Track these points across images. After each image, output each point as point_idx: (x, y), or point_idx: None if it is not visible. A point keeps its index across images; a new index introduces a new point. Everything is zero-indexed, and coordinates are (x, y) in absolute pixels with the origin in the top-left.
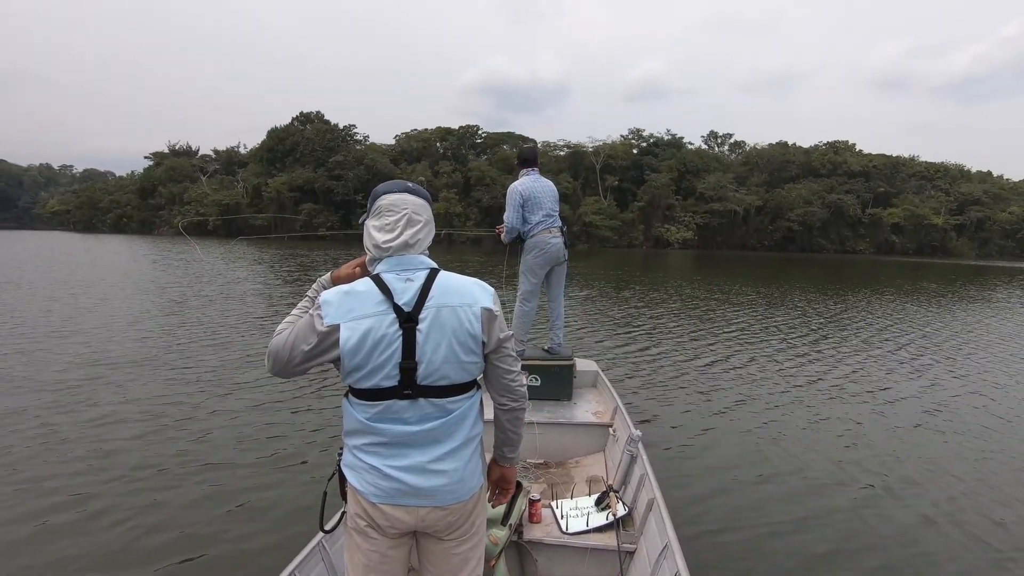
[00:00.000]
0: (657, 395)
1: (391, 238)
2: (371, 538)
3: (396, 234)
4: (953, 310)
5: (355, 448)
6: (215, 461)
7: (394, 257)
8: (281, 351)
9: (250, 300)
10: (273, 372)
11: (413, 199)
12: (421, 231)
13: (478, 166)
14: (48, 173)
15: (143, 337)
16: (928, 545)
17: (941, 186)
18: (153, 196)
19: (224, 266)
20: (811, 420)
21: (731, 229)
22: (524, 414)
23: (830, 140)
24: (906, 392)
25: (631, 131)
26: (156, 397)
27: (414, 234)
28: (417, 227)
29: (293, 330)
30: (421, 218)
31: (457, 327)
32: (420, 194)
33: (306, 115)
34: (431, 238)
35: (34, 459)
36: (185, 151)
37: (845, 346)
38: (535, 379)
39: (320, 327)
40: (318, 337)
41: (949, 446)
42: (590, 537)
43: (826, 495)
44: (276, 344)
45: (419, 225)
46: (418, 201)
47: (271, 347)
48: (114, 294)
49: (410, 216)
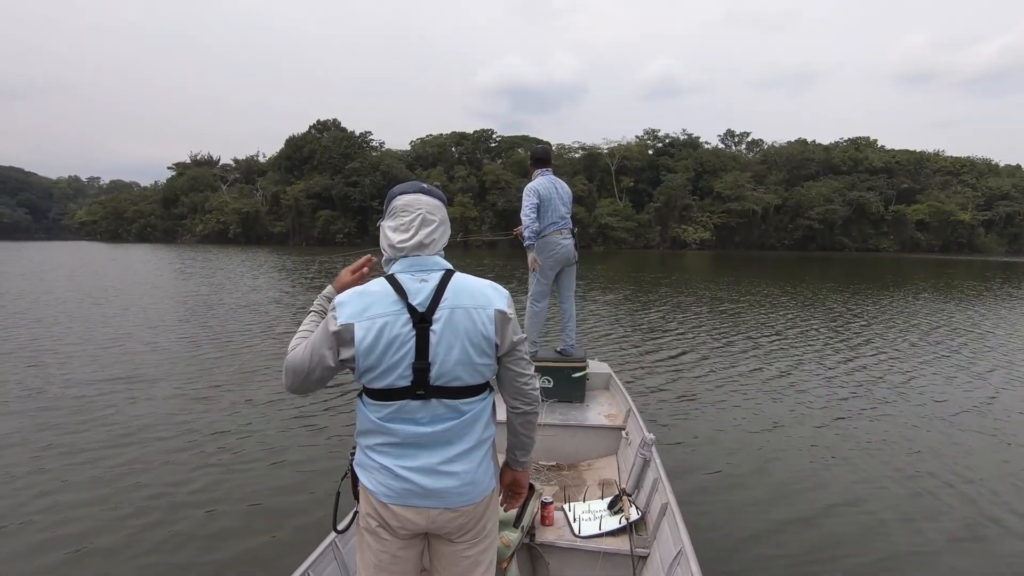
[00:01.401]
0: (670, 398)
1: (406, 238)
2: (382, 538)
3: (411, 234)
4: (998, 310)
5: (367, 448)
6: (229, 463)
7: (409, 258)
8: (299, 363)
9: (270, 308)
10: (291, 388)
11: (427, 199)
12: (435, 231)
13: (493, 170)
14: (76, 185)
15: (157, 340)
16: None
17: (968, 181)
18: (176, 205)
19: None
20: (832, 426)
21: (749, 228)
22: (537, 418)
23: (851, 136)
24: (962, 400)
25: (646, 131)
26: (169, 399)
27: (428, 234)
28: (431, 227)
29: (309, 340)
30: (435, 218)
31: (470, 329)
32: (435, 195)
33: (323, 123)
34: (446, 239)
35: (52, 464)
36: (206, 161)
37: (874, 348)
38: (547, 380)
39: (334, 326)
40: (334, 337)
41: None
42: (603, 541)
43: (842, 505)
44: (292, 358)
45: (433, 225)
46: (432, 201)
47: (287, 362)
48: (138, 302)
49: (424, 216)
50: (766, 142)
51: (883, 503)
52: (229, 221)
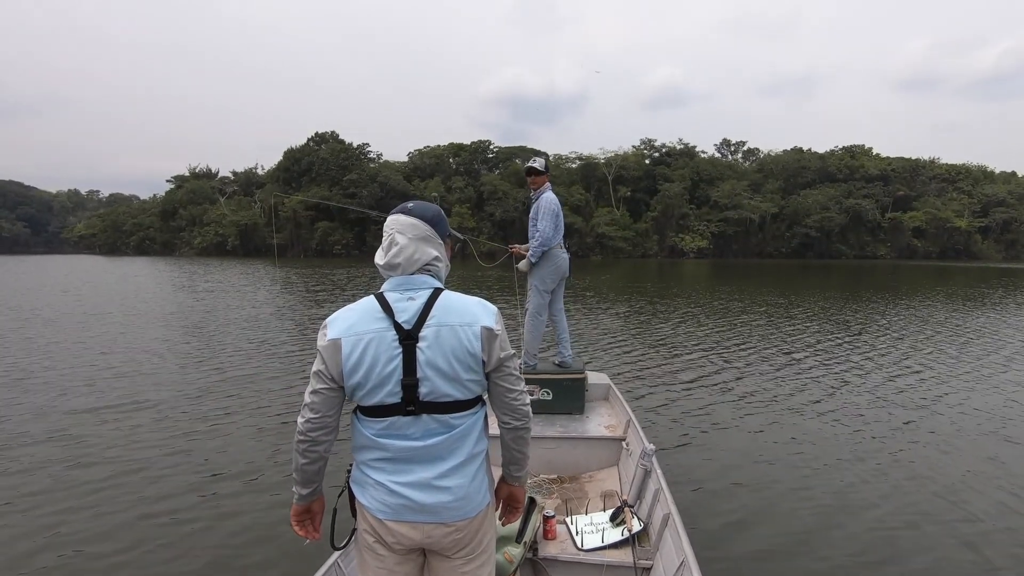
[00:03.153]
0: (669, 408)
1: (380, 257)
2: (378, 554)
3: (382, 254)
4: (1006, 317)
5: (362, 464)
6: (229, 482)
7: (398, 277)
8: (308, 402)
9: (273, 323)
10: (307, 431)
11: (404, 219)
12: (403, 251)
13: (490, 180)
14: (76, 198)
15: (162, 357)
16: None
17: (964, 188)
18: (174, 218)
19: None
20: (837, 436)
21: (747, 237)
22: (528, 433)
23: (846, 144)
24: (977, 403)
25: (643, 141)
26: (166, 418)
27: (395, 254)
28: (398, 247)
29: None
30: (404, 238)
31: (456, 346)
32: (414, 213)
33: (321, 135)
34: (428, 256)
35: (57, 480)
36: (205, 173)
37: (878, 353)
38: (547, 392)
39: (323, 342)
40: (324, 352)
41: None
42: (606, 553)
43: (847, 515)
44: (304, 404)
45: (399, 246)
46: (407, 221)
47: (300, 417)
48: (140, 316)
49: (393, 236)
50: (762, 151)
51: (890, 514)
52: (227, 233)
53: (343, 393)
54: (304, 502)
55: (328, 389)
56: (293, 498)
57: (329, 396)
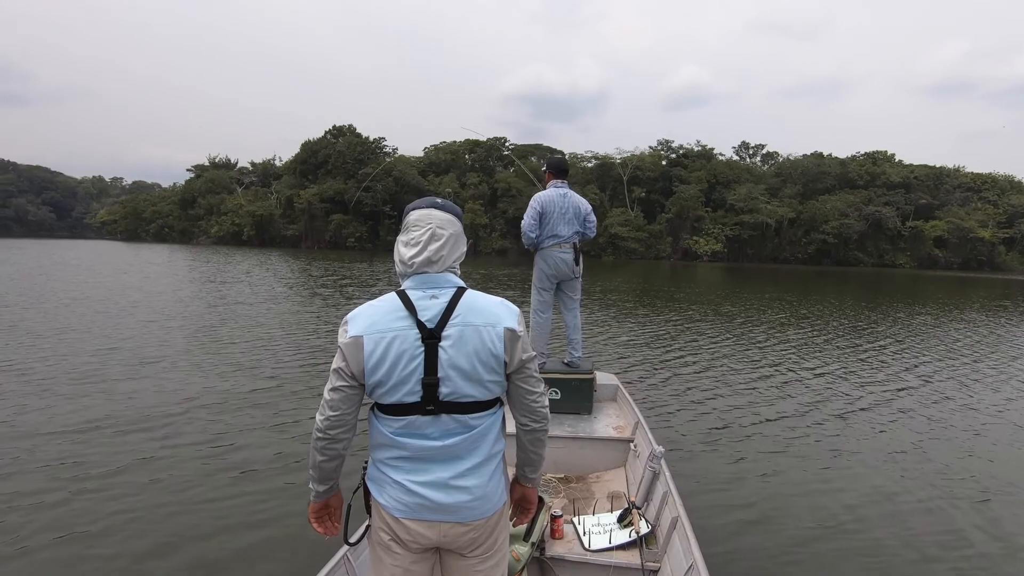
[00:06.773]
0: (678, 410)
1: (415, 253)
2: (394, 552)
3: (419, 249)
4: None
5: (379, 462)
6: (240, 478)
7: (421, 274)
8: (327, 399)
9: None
10: (326, 428)
11: (439, 214)
12: (444, 247)
13: (504, 177)
14: (100, 185)
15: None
16: None
17: (989, 198)
18: (193, 207)
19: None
20: (848, 439)
21: (762, 241)
22: (546, 435)
23: (868, 150)
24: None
25: (660, 142)
26: (184, 412)
27: (436, 250)
28: (440, 242)
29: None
30: (445, 233)
31: (479, 347)
32: (448, 209)
33: (338, 128)
34: (458, 254)
35: (59, 474)
36: (224, 163)
37: (900, 362)
38: (555, 392)
39: (344, 339)
40: (345, 349)
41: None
42: (613, 554)
43: (858, 521)
44: (323, 401)
45: (441, 240)
46: (444, 216)
47: (319, 414)
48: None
49: (434, 231)
50: (781, 154)
51: (898, 519)
52: (243, 223)
53: (363, 391)
54: (321, 499)
55: (348, 387)
56: (310, 495)
57: (349, 394)
